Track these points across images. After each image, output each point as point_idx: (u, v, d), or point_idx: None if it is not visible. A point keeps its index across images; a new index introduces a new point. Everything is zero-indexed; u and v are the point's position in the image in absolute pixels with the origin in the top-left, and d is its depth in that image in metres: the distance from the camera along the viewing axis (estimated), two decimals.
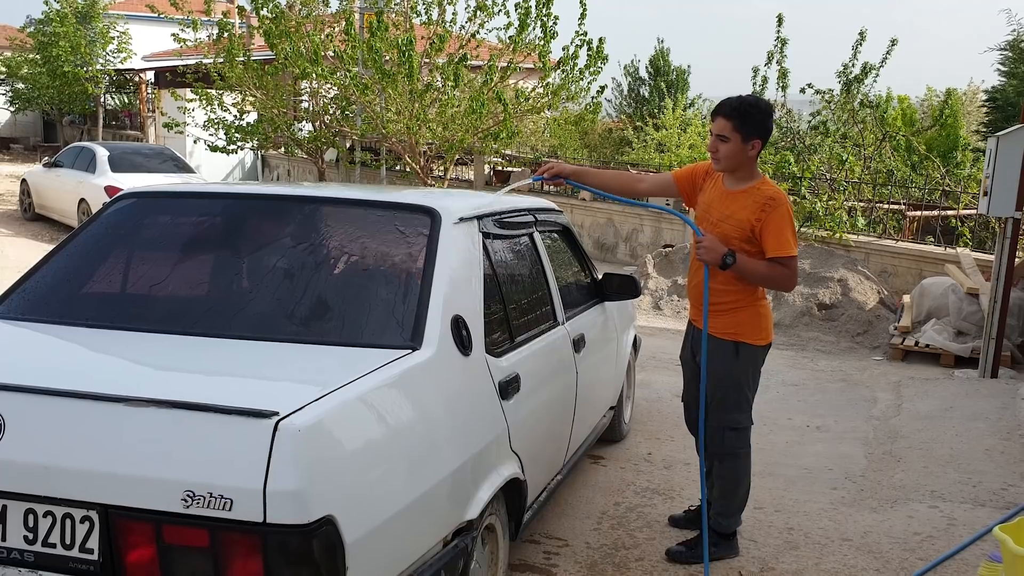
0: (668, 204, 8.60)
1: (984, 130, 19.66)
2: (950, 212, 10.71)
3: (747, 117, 3.25)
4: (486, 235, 3.06)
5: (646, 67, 26.46)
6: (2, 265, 9.31)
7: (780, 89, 12.14)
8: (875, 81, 12.15)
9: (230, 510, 1.81)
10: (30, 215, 14.12)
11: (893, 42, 12.03)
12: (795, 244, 3.35)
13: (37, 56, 23.35)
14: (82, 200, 11.97)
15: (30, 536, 1.93)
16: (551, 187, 16.23)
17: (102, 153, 12.50)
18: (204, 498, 1.82)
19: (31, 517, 1.93)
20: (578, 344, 3.74)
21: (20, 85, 24.98)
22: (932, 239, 10.15)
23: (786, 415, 5.79)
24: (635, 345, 5.30)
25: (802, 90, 12.36)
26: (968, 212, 10.64)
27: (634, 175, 3.66)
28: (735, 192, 3.36)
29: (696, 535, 3.62)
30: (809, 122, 12.61)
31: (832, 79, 12.30)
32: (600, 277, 4.45)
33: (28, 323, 2.67)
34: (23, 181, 14.51)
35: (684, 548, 3.59)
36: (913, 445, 5.05)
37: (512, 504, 2.95)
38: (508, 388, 2.85)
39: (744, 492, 3.61)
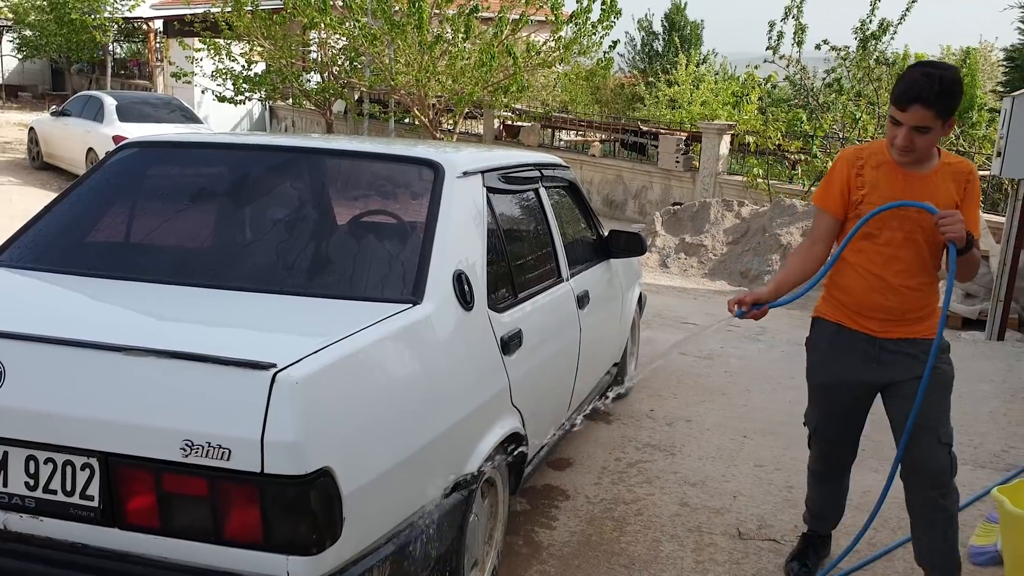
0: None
1: (1001, 90, 19.36)
2: None
3: (950, 99, 2.65)
4: (490, 190, 3.04)
5: (661, 21, 26.11)
6: (11, 213, 9.32)
7: (796, 45, 11.98)
8: (892, 38, 11.98)
9: (228, 460, 1.82)
10: (38, 163, 14.11)
11: None
12: None
13: (44, 3, 23.14)
14: (90, 149, 11.95)
15: (31, 482, 1.95)
16: (561, 142, 16.13)
17: (110, 102, 12.44)
18: (203, 448, 1.83)
19: (32, 463, 1.95)
20: (582, 301, 3.73)
21: (28, 32, 24.78)
22: None
23: (789, 374, 5.79)
24: (640, 303, 5.29)
25: (817, 46, 12.19)
26: (982, 173, 10.54)
27: (805, 248, 2.98)
28: (927, 175, 2.78)
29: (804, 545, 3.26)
30: (824, 79, 12.45)
31: (849, 36, 12.11)
32: (606, 234, 4.43)
33: (29, 271, 2.67)
34: (31, 129, 14.47)
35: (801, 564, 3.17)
36: None
37: (513, 458, 2.96)
38: (510, 343, 2.85)
39: None
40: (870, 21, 11.83)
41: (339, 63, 13.77)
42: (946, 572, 2.85)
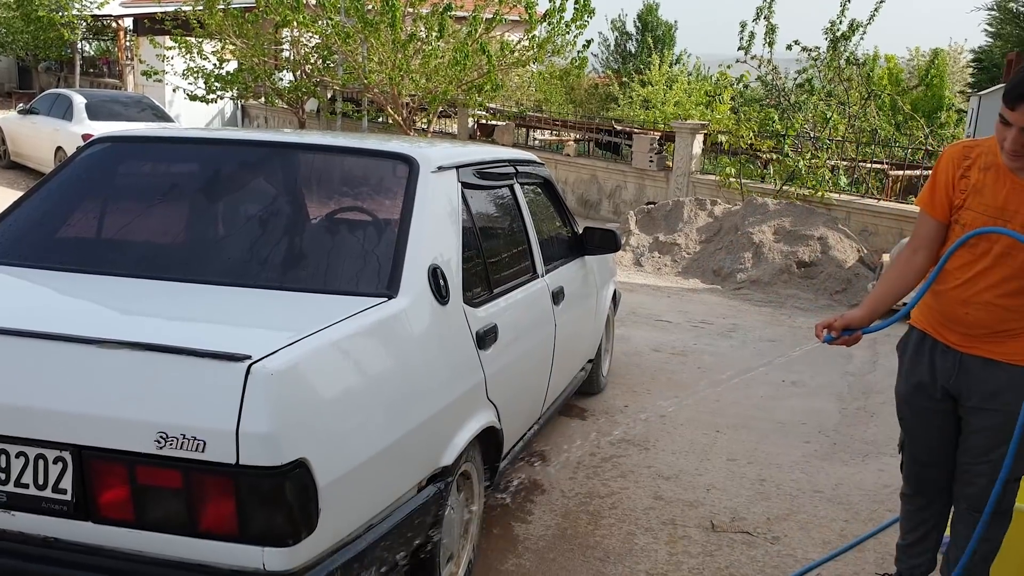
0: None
1: (969, 91, 19.67)
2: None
3: None
4: (465, 185, 3.04)
5: (634, 21, 26.25)
6: None
7: (767, 46, 12.09)
8: (862, 39, 12.17)
9: (203, 451, 1.81)
10: (5, 162, 13.91)
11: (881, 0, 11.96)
12: None
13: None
14: (59, 148, 11.78)
15: (2, 476, 1.93)
16: (535, 141, 16.15)
17: (79, 100, 12.28)
18: (177, 440, 1.82)
19: (3, 457, 1.92)
20: (557, 297, 3.75)
21: None
22: (913, 198, 10.19)
23: (762, 370, 5.85)
24: (615, 300, 5.32)
25: (788, 47, 12.30)
26: None
27: (905, 257, 2.68)
28: None
29: None
30: (795, 79, 12.57)
31: (819, 37, 12.24)
32: (581, 231, 4.45)
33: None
34: None
35: None
36: (887, 400, 5.12)
37: (488, 452, 2.98)
38: (486, 338, 2.86)
39: None
40: (840, 22, 11.96)
41: (312, 61, 13.71)
42: None
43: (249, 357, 1.85)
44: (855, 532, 3.48)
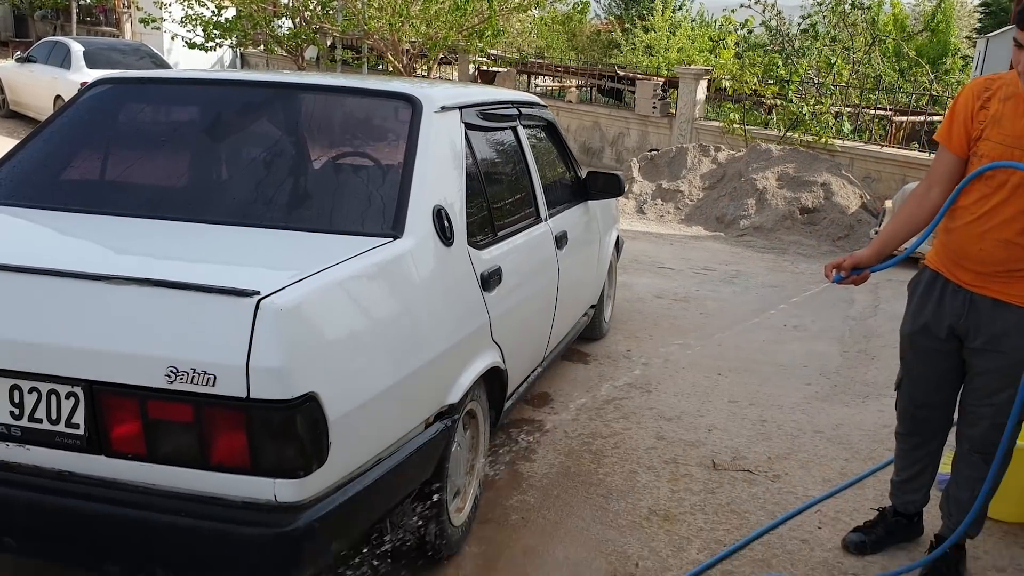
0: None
1: (976, 36, 19.41)
2: (936, 118, 10.66)
3: None
4: (468, 126, 3.03)
5: None
6: None
7: None
8: None
9: (213, 386, 1.83)
10: (4, 111, 13.80)
11: None
12: None
13: None
14: (58, 96, 11.68)
15: (16, 412, 1.96)
16: (537, 88, 15.99)
17: (77, 48, 12.15)
18: (187, 374, 1.84)
19: (16, 393, 1.95)
20: (560, 241, 3.76)
21: None
22: (917, 145, 10.14)
23: (765, 315, 5.87)
24: (618, 246, 5.33)
25: None
26: None
27: (919, 194, 2.66)
28: None
29: (876, 519, 3.04)
30: (799, 25, 12.42)
31: None
32: (584, 175, 4.44)
33: (5, 207, 2.64)
34: None
35: (864, 536, 2.97)
36: (888, 344, 5.16)
37: (493, 392, 3.01)
38: (490, 280, 2.87)
39: None
40: None
41: (311, 8, 13.51)
42: (953, 519, 2.73)
43: (258, 293, 1.86)
44: (855, 470, 3.53)
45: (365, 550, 2.40)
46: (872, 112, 11.51)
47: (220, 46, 13.91)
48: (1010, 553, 2.97)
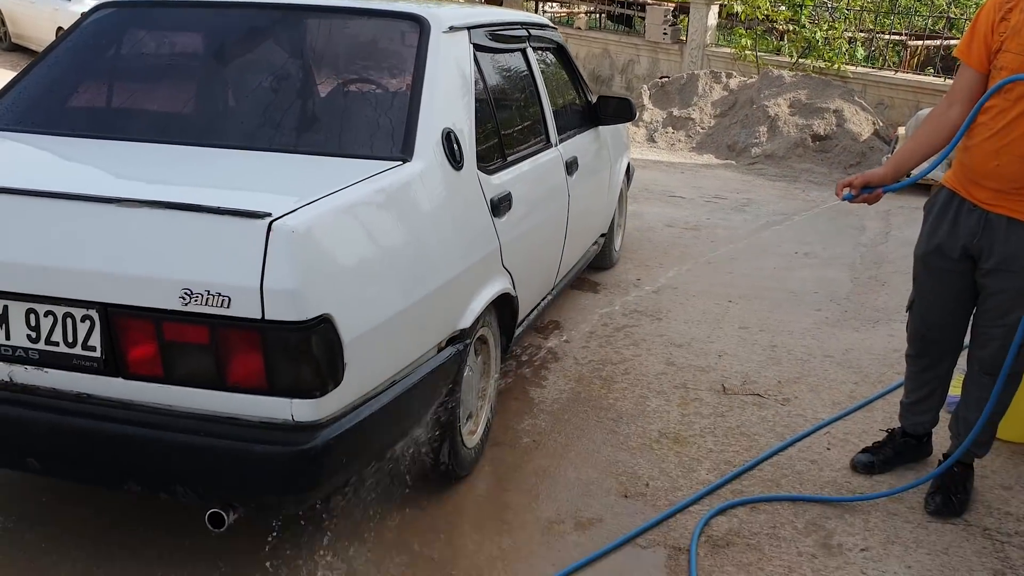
0: None
1: None
2: (953, 41, 10.43)
3: None
4: (477, 47, 2.98)
5: None
6: None
7: None
8: None
9: (228, 307, 1.84)
10: (7, 44, 13.62)
11: None
12: None
13: None
14: (59, 28, 11.52)
15: (33, 335, 1.98)
16: (544, 14, 15.69)
17: None
18: (202, 296, 1.85)
19: (32, 316, 1.96)
20: (571, 167, 3.72)
21: None
22: (932, 70, 9.95)
23: (775, 243, 5.85)
24: (628, 174, 5.28)
25: None
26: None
27: (938, 113, 2.59)
28: None
29: (885, 440, 3.04)
30: None
31: None
32: (595, 100, 4.37)
33: (12, 133, 2.62)
34: None
35: (872, 456, 2.99)
36: (899, 270, 5.14)
37: (504, 319, 3.02)
38: (500, 206, 2.85)
39: None
40: None
41: None
42: (961, 439, 2.72)
43: (270, 215, 1.86)
44: (864, 393, 3.55)
45: (380, 470, 2.44)
46: (887, 37, 11.27)
47: None
48: (1017, 472, 3.01)
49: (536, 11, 15.48)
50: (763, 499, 2.79)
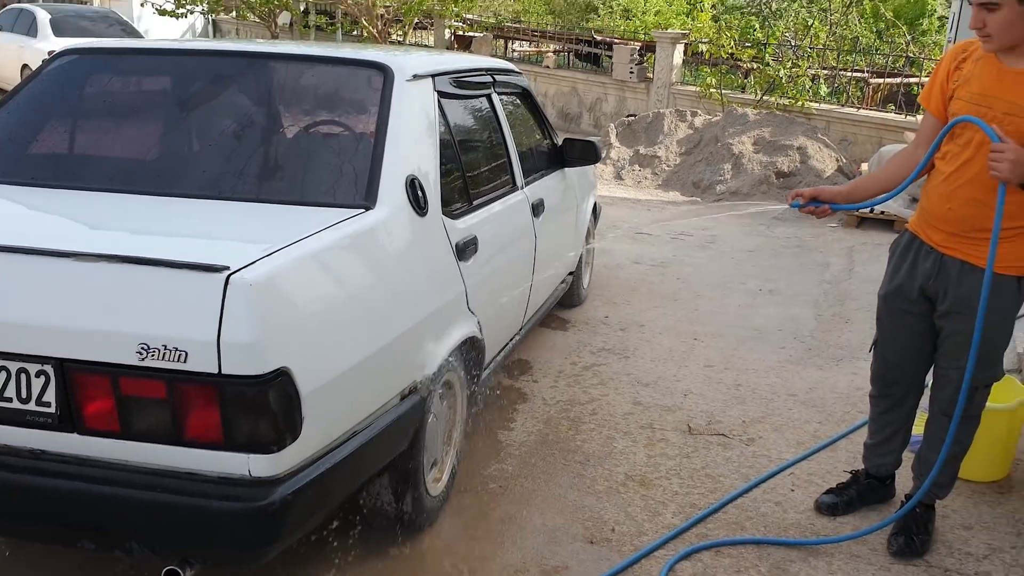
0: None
1: None
2: (913, 80, 10.67)
3: None
4: (442, 94, 3.00)
5: None
6: None
7: None
8: None
9: (185, 362, 1.82)
10: None
11: None
12: None
13: None
14: (24, 66, 11.48)
15: None
16: (514, 53, 15.85)
17: (43, 16, 11.91)
18: (159, 350, 1.83)
19: None
20: (537, 209, 3.75)
21: None
22: (893, 107, 10.15)
23: (740, 279, 5.91)
24: (595, 212, 5.33)
25: None
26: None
27: (906, 153, 2.71)
28: None
29: (848, 481, 3.07)
30: None
31: None
32: (561, 142, 4.42)
33: None
34: None
35: (836, 497, 3.00)
36: (862, 307, 5.20)
37: (470, 362, 3.02)
38: (465, 250, 2.86)
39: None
40: None
41: None
42: (923, 480, 2.73)
43: (228, 268, 1.85)
44: (828, 433, 3.58)
45: (341, 522, 2.41)
46: (849, 74, 11.51)
47: (191, 12, 13.68)
48: (977, 512, 3.04)
49: (505, 50, 15.66)
50: (727, 543, 2.79)
